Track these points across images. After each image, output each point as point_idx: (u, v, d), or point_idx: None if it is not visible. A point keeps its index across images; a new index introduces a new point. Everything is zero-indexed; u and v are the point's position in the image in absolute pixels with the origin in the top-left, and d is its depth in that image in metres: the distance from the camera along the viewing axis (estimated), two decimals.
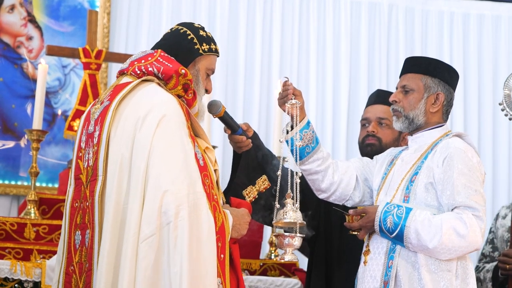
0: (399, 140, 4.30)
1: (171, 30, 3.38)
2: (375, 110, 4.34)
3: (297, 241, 3.30)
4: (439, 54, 6.66)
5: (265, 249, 5.57)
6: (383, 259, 3.60)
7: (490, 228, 4.79)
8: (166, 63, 3.23)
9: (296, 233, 3.30)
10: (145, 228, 2.98)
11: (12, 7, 6.12)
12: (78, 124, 5.09)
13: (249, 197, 3.40)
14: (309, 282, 4.33)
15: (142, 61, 3.25)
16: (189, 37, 3.32)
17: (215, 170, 3.28)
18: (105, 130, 3.13)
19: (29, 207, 4.81)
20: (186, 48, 3.31)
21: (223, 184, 3.63)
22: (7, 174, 6.05)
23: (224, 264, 3.10)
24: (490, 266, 4.59)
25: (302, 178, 3.57)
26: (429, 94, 3.72)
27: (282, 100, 3.65)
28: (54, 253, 4.39)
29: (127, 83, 3.20)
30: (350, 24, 6.70)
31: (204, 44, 3.33)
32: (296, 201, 3.32)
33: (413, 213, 3.52)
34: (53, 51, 5.48)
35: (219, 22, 6.47)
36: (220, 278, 3.08)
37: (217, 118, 3.61)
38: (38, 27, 6.17)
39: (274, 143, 5.14)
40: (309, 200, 4.00)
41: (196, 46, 3.31)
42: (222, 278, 3.09)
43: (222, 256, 3.09)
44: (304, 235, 3.33)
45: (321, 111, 6.57)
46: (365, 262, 3.65)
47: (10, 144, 6.06)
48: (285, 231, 3.38)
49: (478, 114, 6.78)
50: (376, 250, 3.63)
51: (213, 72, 3.39)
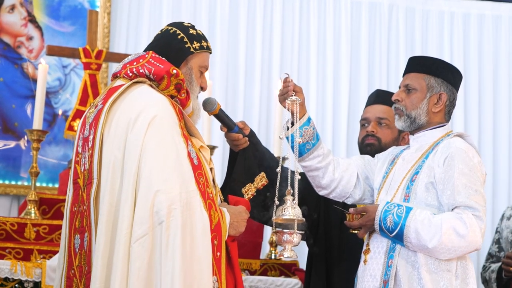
0: (399, 140, 4.30)
1: (162, 31, 3.38)
2: (375, 110, 4.34)
3: (296, 237, 3.29)
4: (440, 54, 6.66)
5: (265, 249, 5.57)
6: (383, 259, 3.59)
7: (496, 228, 4.78)
8: (157, 64, 3.23)
9: (295, 229, 3.29)
10: (137, 228, 2.98)
11: (12, 7, 6.12)
12: (78, 124, 5.13)
13: (247, 194, 3.39)
14: (308, 281, 4.33)
15: (134, 63, 3.25)
16: (179, 36, 3.31)
17: (211, 169, 3.27)
18: (98, 133, 3.13)
19: (29, 207, 4.81)
20: (176, 47, 3.30)
21: (220, 182, 3.63)
22: (8, 174, 6.04)
23: (220, 262, 3.09)
24: (495, 266, 4.59)
25: (303, 179, 3.56)
26: (431, 94, 3.72)
27: (283, 96, 3.63)
28: (55, 253, 4.39)
29: (120, 86, 3.20)
30: (351, 24, 6.70)
31: (194, 42, 3.32)
32: (295, 198, 3.31)
33: (413, 212, 3.52)
34: (53, 51, 5.48)
35: (220, 22, 6.47)
36: (216, 276, 3.07)
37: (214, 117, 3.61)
38: (38, 27, 6.17)
39: (275, 143, 5.15)
40: (308, 198, 4.00)
41: (187, 45, 3.31)
42: (218, 276, 3.08)
43: (218, 254, 3.08)
44: (303, 232, 3.33)
45: (321, 111, 6.57)
46: (365, 261, 3.65)
47: (11, 144, 6.06)
48: (283, 228, 3.37)
49: (479, 114, 6.77)
50: (376, 249, 3.63)
51: (206, 69, 3.39)
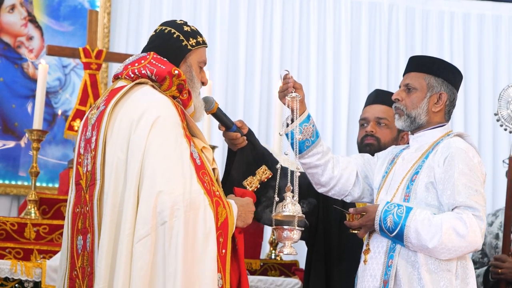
0: (398, 139, 4.30)
1: (155, 32, 3.37)
2: (374, 110, 4.34)
3: (296, 234, 3.28)
4: (440, 54, 6.65)
5: (265, 249, 5.57)
6: (383, 258, 3.59)
7: None
8: (159, 65, 3.23)
9: (295, 226, 3.29)
10: (139, 228, 2.98)
11: (12, 7, 6.12)
12: (78, 124, 5.14)
13: (250, 186, 3.39)
14: (307, 281, 4.32)
15: (136, 64, 3.25)
16: (174, 35, 3.31)
17: (214, 169, 3.27)
18: (101, 134, 3.13)
19: (29, 207, 4.81)
20: (174, 47, 3.30)
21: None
22: (8, 174, 6.04)
23: (225, 259, 3.09)
24: (481, 271, 4.62)
25: (303, 180, 3.56)
26: (432, 94, 3.71)
27: (283, 93, 3.62)
28: (55, 253, 4.39)
29: (122, 87, 3.20)
30: (351, 24, 6.69)
31: (190, 39, 3.32)
32: (295, 194, 3.31)
33: (413, 212, 3.52)
34: (53, 51, 5.48)
35: (220, 22, 6.47)
36: (220, 273, 3.08)
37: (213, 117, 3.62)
38: (38, 27, 6.17)
39: (275, 143, 5.15)
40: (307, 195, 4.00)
41: (183, 43, 3.31)
42: (223, 273, 3.08)
43: (223, 251, 3.09)
44: (303, 228, 3.33)
45: (321, 111, 6.57)
46: (365, 261, 3.65)
47: (11, 144, 6.06)
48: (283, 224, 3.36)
49: (479, 114, 6.77)
50: (376, 249, 3.63)
51: (205, 63, 3.39)
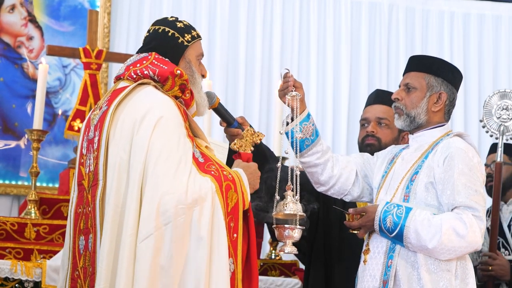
0: (399, 139, 4.29)
1: (149, 32, 3.36)
2: (374, 110, 4.34)
3: (296, 233, 3.28)
4: (440, 54, 6.65)
5: (265, 249, 5.57)
6: (383, 259, 3.59)
7: None
8: (161, 65, 3.23)
9: (296, 225, 3.29)
10: (143, 228, 2.98)
11: (12, 7, 6.12)
12: (78, 124, 5.14)
13: (244, 150, 3.39)
14: (307, 281, 4.32)
15: (138, 65, 3.25)
16: (169, 33, 3.30)
17: None
18: (104, 134, 3.13)
19: (29, 207, 4.81)
20: (171, 45, 3.30)
21: None
22: (8, 174, 6.05)
23: (236, 244, 3.12)
24: None
25: (303, 181, 3.55)
26: (431, 93, 3.71)
27: (283, 92, 3.62)
28: (55, 253, 4.40)
29: (124, 88, 3.20)
30: (351, 24, 6.70)
31: (185, 34, 3.32)
32: (296, 193, 3.31)
33: (413, 213, 3.52)
34: (53, 51, 5.48)
35: (220, 21, 6.47)
36: (232, 258, 3.10)
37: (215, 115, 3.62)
38: (38, 27, 6.17)
39: (275, 142, 5.15)
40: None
41: (179, 40, 3.30)
42: (234, 258, 3.11)
43: (235, 235, 3.11)
44: (304, 227, 3.33)
45: (321, 111, 6.57)
46: (364, 261, 3.65)
47: (11, 144, 6.07)
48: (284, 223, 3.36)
49: (478, 114, 6.76)
50: (375, 249, 3.63)
51: (202, 56, 3.39)
